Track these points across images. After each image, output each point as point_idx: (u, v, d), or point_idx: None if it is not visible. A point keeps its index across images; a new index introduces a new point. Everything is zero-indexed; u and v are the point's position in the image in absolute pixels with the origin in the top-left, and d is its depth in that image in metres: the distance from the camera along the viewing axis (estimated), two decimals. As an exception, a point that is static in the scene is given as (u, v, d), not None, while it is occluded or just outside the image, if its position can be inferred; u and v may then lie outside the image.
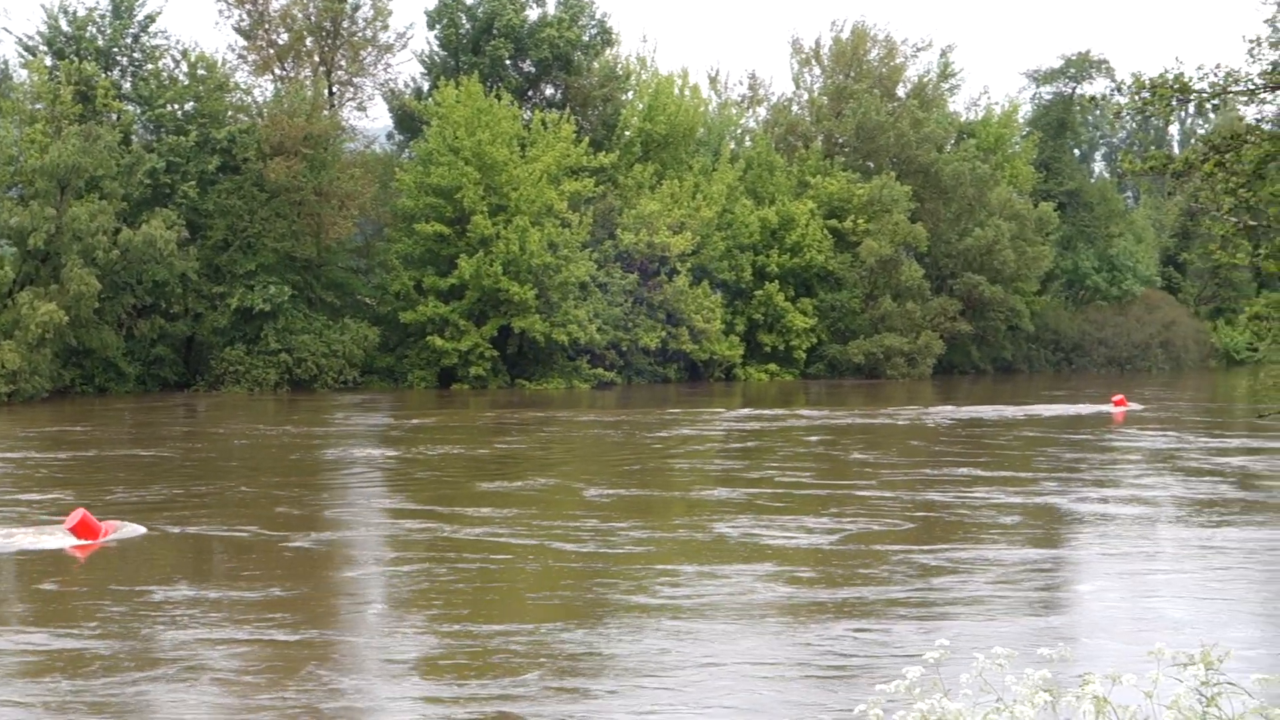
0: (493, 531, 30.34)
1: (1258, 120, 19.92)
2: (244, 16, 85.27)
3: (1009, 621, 23.07)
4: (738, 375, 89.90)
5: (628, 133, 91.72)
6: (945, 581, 26.29)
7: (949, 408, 68.83)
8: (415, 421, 60.76)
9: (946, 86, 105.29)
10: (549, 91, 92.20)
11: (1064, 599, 26.21)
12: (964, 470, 43.04)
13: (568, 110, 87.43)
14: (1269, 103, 19.29)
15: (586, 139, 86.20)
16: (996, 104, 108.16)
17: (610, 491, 37.55)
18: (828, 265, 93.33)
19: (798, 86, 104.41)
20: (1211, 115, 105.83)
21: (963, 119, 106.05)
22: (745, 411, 66.16)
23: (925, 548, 29.29)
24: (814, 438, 53.61)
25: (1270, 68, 17.71)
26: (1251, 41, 18.02)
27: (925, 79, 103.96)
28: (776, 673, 19.46)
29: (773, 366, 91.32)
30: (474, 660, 19.57)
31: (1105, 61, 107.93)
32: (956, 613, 23.76)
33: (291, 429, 57.21)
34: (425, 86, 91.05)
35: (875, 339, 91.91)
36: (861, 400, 74.32)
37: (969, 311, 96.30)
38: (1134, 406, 67.89)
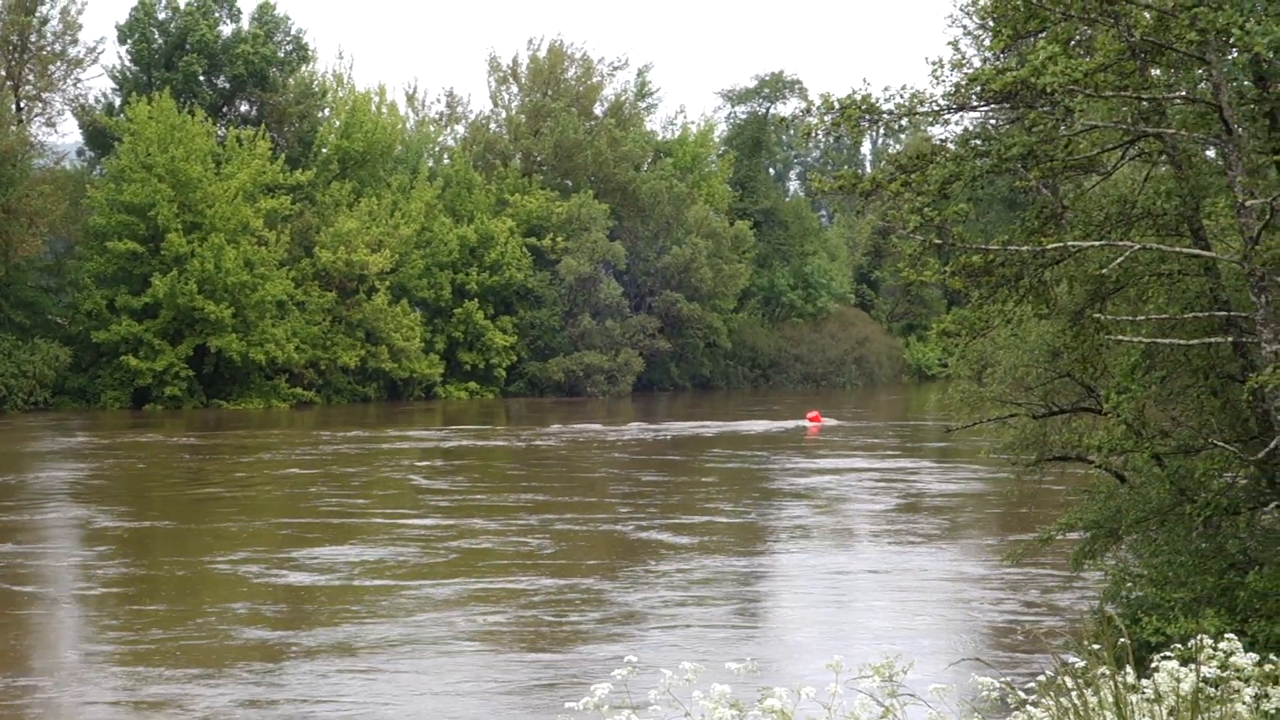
0: None
1: (942, 140, 20.97)
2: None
3: (701, 636, 27.49)
4: (438, 394, 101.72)
5: (325, 150, 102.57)
6: (636, 598, 31.20)
7: (636, 425, 79.89)
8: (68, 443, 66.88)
9: (643, 105, 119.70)
10: (244, 108, 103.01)
11: (758, 613, 31.06)
12: (657, 487, 51.06)
13: (263, 127, 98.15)
14: (952, 123, 21.16)
15: (283, 156, 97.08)
16: (693, 123, 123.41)
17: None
18: (527, 283, 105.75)
19: (496, 104, 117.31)
20: (902, 135, 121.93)
21: (660, 138, 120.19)
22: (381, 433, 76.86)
23: (624, 564, 35.05)
24: (506, 459, 64.29)
25: (953, 89, 18.55)
26: (934, 64, 18.71)
27: (622, 98, 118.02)
28: (476, 693, 24.40)
29: (473, 385, 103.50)
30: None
31: (798, 81, 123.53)
32: (649, 628, 28.46)
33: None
34: (117, 102, 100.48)
35: (575, 356, 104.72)
36: (563, 415, 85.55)
37: (668, 329, 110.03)
38: (829, 422, 79.67)
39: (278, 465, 59.17)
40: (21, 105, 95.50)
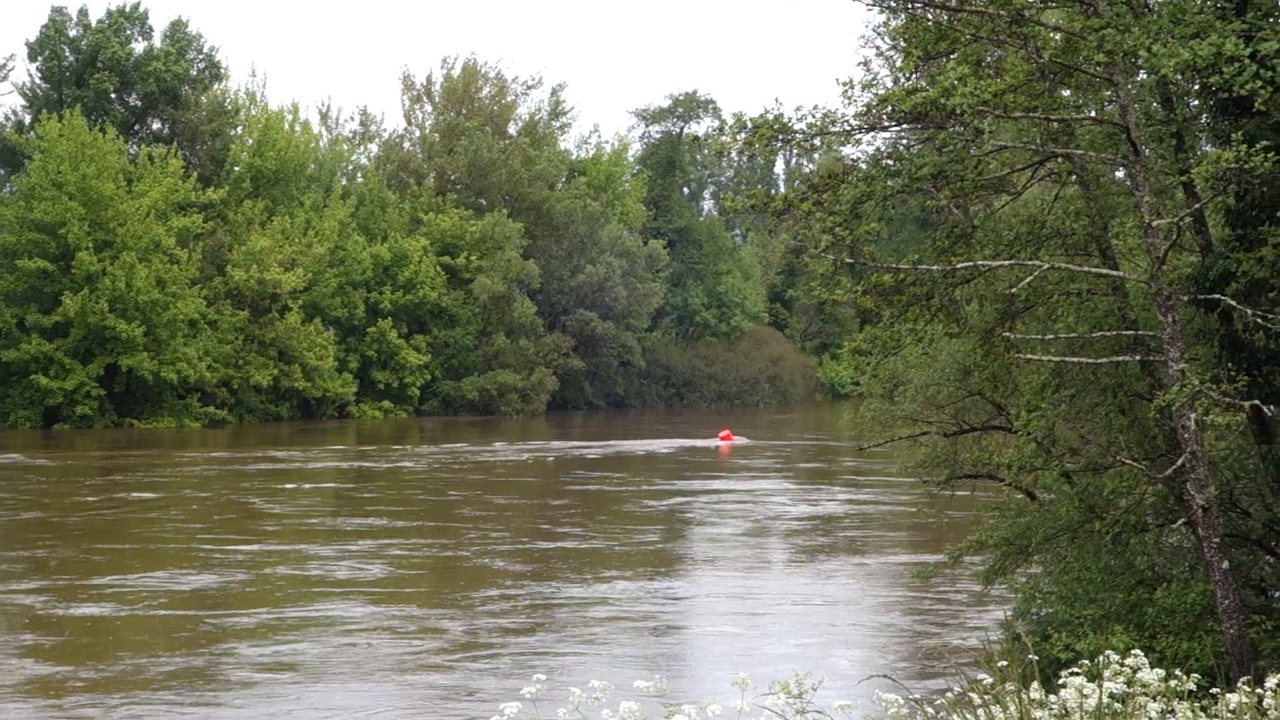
0: None
1: (854, 160, 21.51)
2: None
3: (612, 655, 27.59)
4: (352, 413, 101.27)
5: (237, 168, 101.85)
6: (549, 617, 31.45)
7: (532, 443, 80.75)
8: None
9: (558, 124, 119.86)
10: (156, 126, 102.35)
11: (670, 633, 31.08)
12: (566, 506, 51.16)
13: (175, 145, 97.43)
14: (864, 143, 24.05)
15: (195, 174, 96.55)
16: (607, 142, 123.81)
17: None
18: (441, 302, 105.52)
19: (410, 123, 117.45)
20: (815, 155, 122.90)
21: (574, 157, 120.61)
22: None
23: (544, 583, 35.25)
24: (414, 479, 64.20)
25: (865, 109, 18.52)
26: (845, 84, 18.77)
27: (536, 116, 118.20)
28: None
29: (387, 404, 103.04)
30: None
31: (712, 101, 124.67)
32: (561, 648, 28.42)
33: None
34: (27, 120, 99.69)
35: (489, 375, 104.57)
36: (476, 436, 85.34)
37: (582, 348, 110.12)
38: (741, 441, 79.90)
39: (128, 488, 57.78)
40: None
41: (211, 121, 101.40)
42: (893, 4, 20.20)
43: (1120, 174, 22.08)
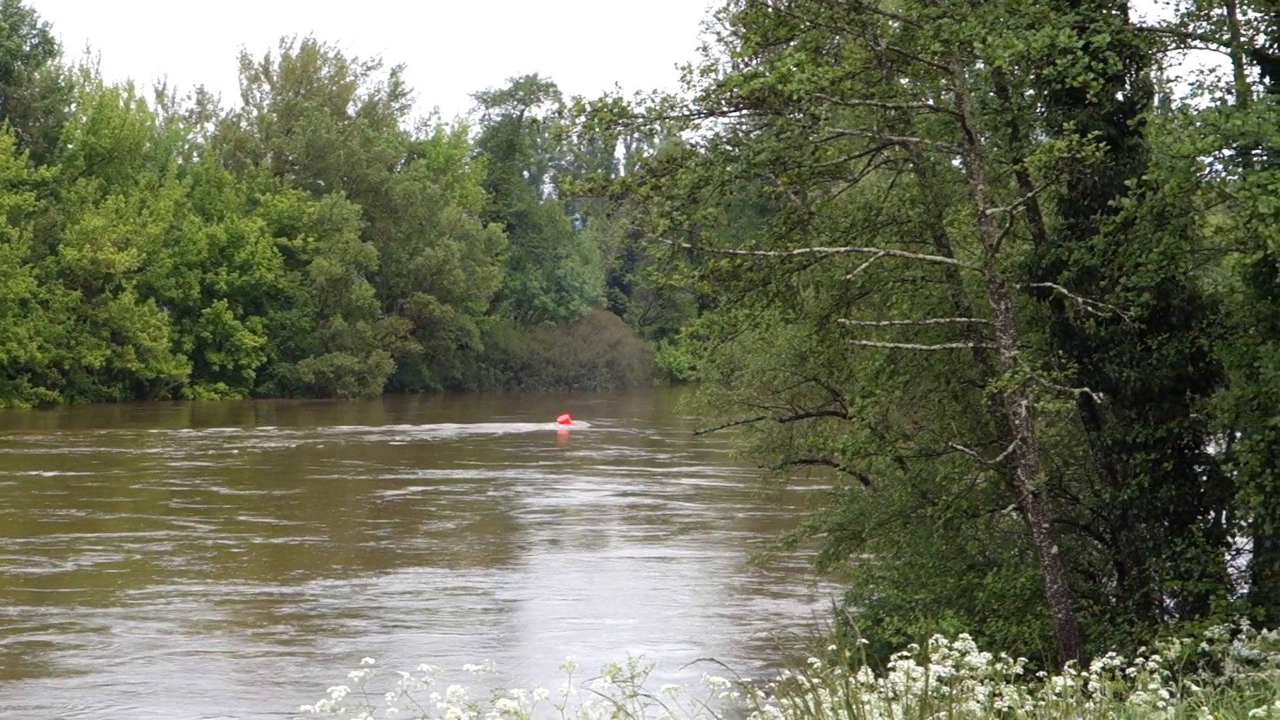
0: None
1: (693, 145, 20.67)
2: None
3: (444, 641, 27.75)
4: (186, 394, 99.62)
5: (71, 146, 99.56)
6: (379, 605, 31.28)
7: (368, 427, 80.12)
8: None
9: (397, 106, 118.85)
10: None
11: (503, 619, 31.18)
12: (407, 483, 50.76)
13: (7, 122, 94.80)
14: (704, 128, 23.13)
15: (27, 151, 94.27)
16: (447, 125, 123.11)
17: None
18: (278, 283, 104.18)
19: (247, 103, 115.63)
20: (656, 139, 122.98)
21: (413, 139, 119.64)
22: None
23: (377, 573, 34.83)
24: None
25: (704, 94, 18.44)
26: (684, 69, 18.58)
27: (376, 98, 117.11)
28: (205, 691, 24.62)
29: (222, 385, 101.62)
30: None
31: (553, 84, 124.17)
32: (392, 635, 28.27)
33: None
34: None
35: (326, 358, 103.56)
36: (312, 420, 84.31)
37: (420, 330, 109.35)
38: (579, 425, 79.87)
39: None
40: None
41: (45, 98, 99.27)
42: (733, -11, 20.03)
43: (956, 162, 22.18)
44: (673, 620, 30.87)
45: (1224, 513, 20.10)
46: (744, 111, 19.39)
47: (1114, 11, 19.33)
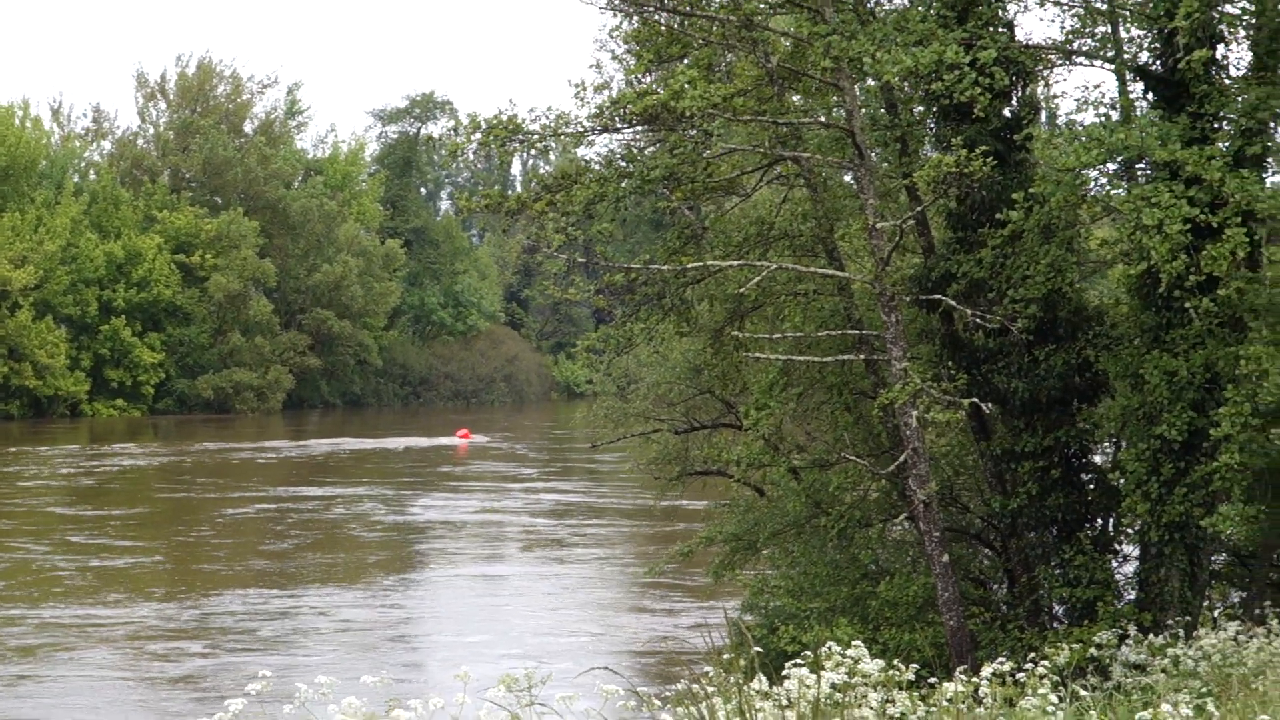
0: None
1: (588, 162, 20.73)
2: None
3: (341, 655, 27.61)
4: (85, 411, 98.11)
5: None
6: (279, 622, 30.93)
7: (270, 443, 79.35)
8: None
9: (294, 123, 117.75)
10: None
11: (400, 633, 30.93)
12: (295, 509, 49.36)
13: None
14: (598, 144, 23.58)
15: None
16: (344, 142, 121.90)
17: None
18: (176, 300, 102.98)
19: (143, 120, 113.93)
20: (552, 156, 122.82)
21: (311, 156, 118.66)
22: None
23: (276, 589, 34.43)
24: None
25: (597, 111, 18.42)
26: (578, 86, 18.68)
27: (272, 115, 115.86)
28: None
29: (120, 402, 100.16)
30: None
31: (449, 102, 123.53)
32: (291, 650, 28.32)
33: None
34: None
35: (225, 374, 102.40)
36: (211, 435, 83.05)
37: (318, 346, 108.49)
38: (478, 438, 79.40)
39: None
40: None
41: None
42: (626, 8, 19.93)
43: (847, 177, 22.25)
44: (568, 631, 30.71)
45: (1111, 520, 20.23)
46: (638, 128, 19.27)
47: (1000, 29, 19.42)
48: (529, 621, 31.86)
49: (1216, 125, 17.37)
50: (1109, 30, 19.28)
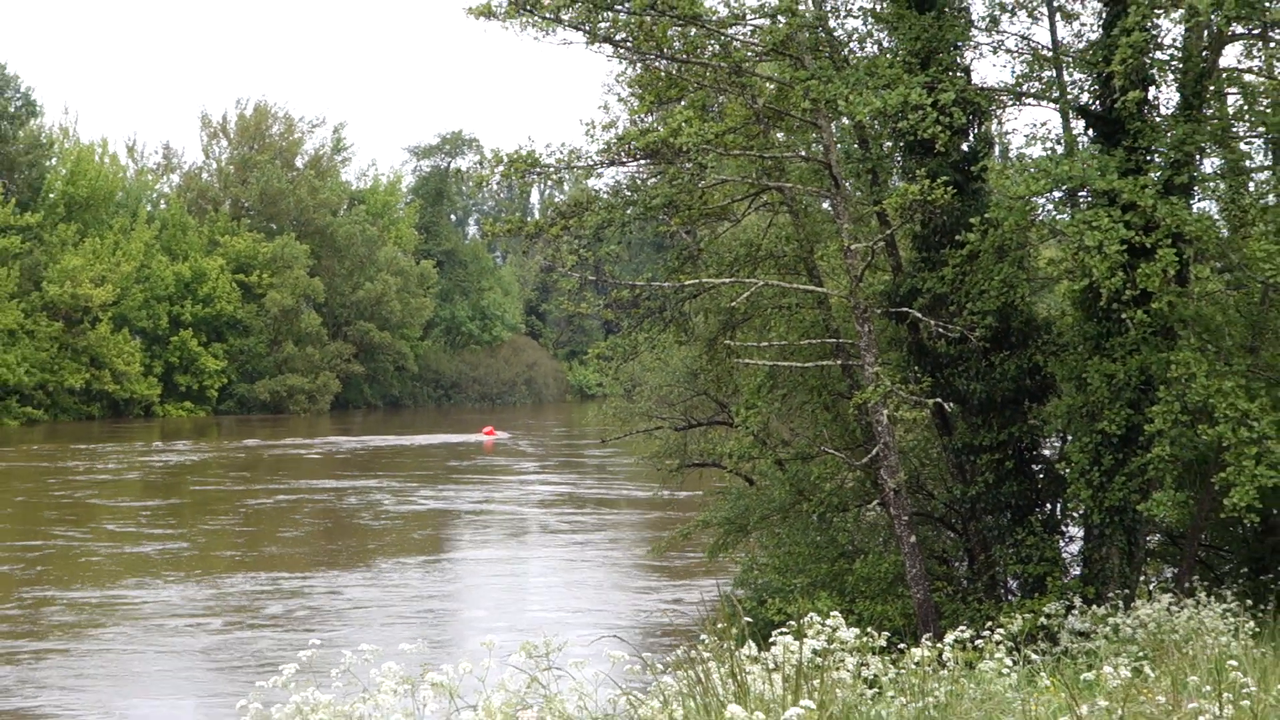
0: None
1: (597, 191, 20.84)
2: None
3: (378, 626, 27.43)
4: (156, 412, 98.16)
5: (52, 195, 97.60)
6: (327, 587, 31.52)
7: (319, 440, 79.43)
8: None
9: (340, 159, 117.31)
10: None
11: (436, 607, 30.62)
12: (346, 496, 49.82)
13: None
14: (606, 176, 23.08)
15: (13, 200, 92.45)
16: (383, 175, 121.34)
17: None
18: (236, 314, 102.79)
19: (207, 156, 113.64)
20: (565, 185, 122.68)
21: (354, 187, 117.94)
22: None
23: (326, 571, 34.49)
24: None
25: (605, 147, 18.47)
26: (588, 124, 18.83)
27: (321, 152, 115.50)
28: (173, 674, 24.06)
29: (188, 404, 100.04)
30: None
31: (476, 139, 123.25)
32: (338, 622, 27.82)
33: None
34: None
35: (279, 379, 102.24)
36: (268, 434, 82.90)
37: (361, 354, 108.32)
38: (502, 435, 78.98)
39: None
40: None
41: (29, 153, 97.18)
42: (630, 56, 19.91)
43: (825, 204, 22.20)
44: (583, 604, 30.57)
45: (1058, 505, 20.16)
46: (641, 161, 19.22)
47: (958, 73, 19.40)
48: (546, 597, 31.75)
49: (1149, 157, 17.31)
50: (1054, 74, 19.26)
